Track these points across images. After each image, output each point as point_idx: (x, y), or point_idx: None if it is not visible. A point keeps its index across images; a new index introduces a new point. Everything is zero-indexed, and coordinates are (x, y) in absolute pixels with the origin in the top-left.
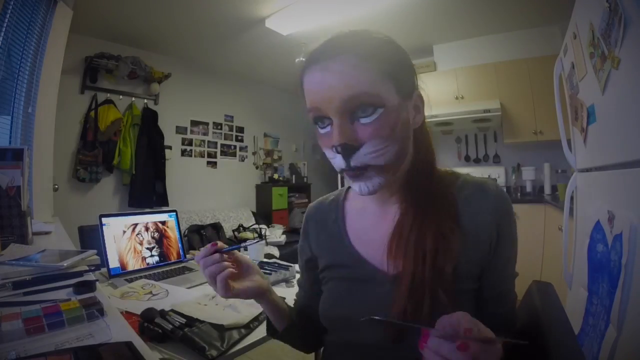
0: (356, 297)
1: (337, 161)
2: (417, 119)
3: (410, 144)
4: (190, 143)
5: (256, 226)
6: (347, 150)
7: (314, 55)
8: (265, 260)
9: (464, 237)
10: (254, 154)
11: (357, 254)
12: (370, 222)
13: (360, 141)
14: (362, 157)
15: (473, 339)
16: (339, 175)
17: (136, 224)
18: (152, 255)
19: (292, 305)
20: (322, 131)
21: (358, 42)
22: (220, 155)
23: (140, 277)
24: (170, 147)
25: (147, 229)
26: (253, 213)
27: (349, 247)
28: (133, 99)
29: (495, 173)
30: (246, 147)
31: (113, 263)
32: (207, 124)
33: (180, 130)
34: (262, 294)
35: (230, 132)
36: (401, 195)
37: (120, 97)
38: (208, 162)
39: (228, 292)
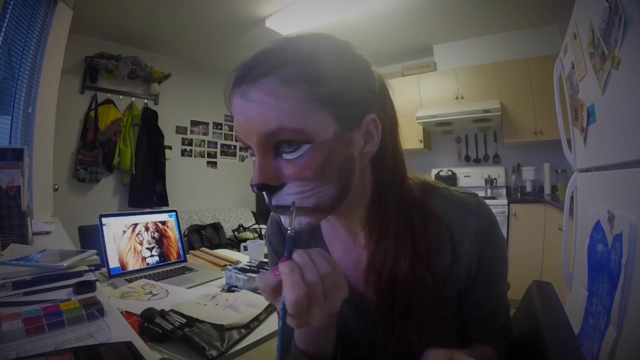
0: (347, 323)
1: (265, 196)
2: (368, 148)
3: (355, 178)
4: (190, 143)
5: (256, 226)
6: (266, 190)
7: (237, 75)
8: (265, 260)
9: (442, 264)
10: None
11: None
12: (344, 245)
13: (281, 180)
14: (284, 197)
15: None
16: None
17: (136, 224)
18: (152, 255)
19: None
20: (253, 158)
21: (287, 59)
22: (220, 155)
23: (140, 277)
24: (170, 147)
25: (147, 229)
26: (253, 213)
27: None
28: (133, 99)
29: (495, 173)
30: None
31: (113, 263)
32: (207, 124)
33: (180, 130)
34: None
35: (231, 132)
36: (369, 224)
37: (120, 97)
38: (208, 162)
39: None
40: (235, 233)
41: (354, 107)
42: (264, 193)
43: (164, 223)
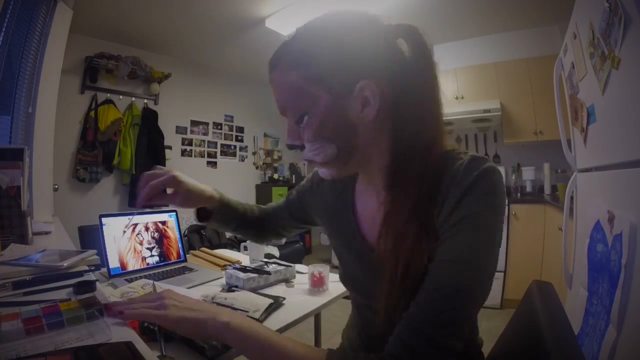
0: (361, 270)
1: None
2: (366, 111)
3: (362, 140)
4: (190, 143)
5: None
6: (294, 148)
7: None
8: (265, 260)
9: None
10: (254, 154)
11: (358, 228)
12: (369, 202)
13: (302, 141)
14: (306, 153)
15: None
16: None
17: (136, 224)
18: (152, 255)
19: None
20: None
21: (289, 50)
22: (220, 155)
23: (140, 277)
24: (170, 147)
25: (147, 229)
26: None
27: (350, 221)
28: (133, 99)
29: None
30: (246, 147)
31: (113, 263)
32: (207, 124)
33: (180, 130)
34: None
35: (230, 132)
36: (387, 186)
37: (120, 97)
38: (208, 162)
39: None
40: None
41: (344, 78)
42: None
43: (164, 223)
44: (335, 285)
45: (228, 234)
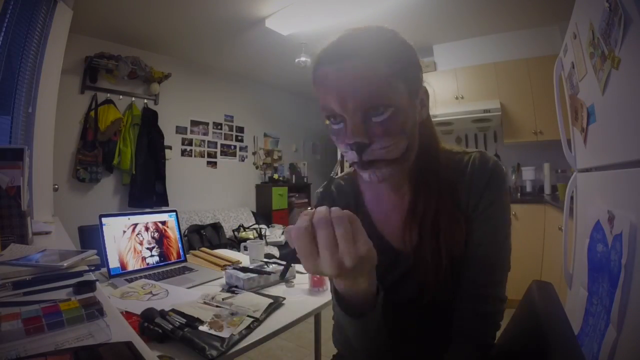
0: (387, 270)
1: (350, 155)
2: (422, 112)
3: (417, 137)
4: (190, 143)
5: (256, 226)
6: (360, 147)
7: (327, 54)
8: (265, 260)
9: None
10: (254, 154)
11: (380, 232)
12: (386, 204)
13: (371, 138)
14: (373, 152)
15: None
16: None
17: (136, 224)
18: (152, 255)
19: None
20: (335, 127)
21: (371, 42)
22: (220, 155)
23: (140, 277)
24: (170, 147)
25: (147, 229)
26: (253, 213)
27: (372, 226)
28: (133, 99)
29: None
30: (246, 147)
31: (113, 263)
32: (207, 124)
33: (180, 130)
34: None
35: (230, 132)
36: (412, 181)
37: (120, 97)
38: (208, 162)
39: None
40: (235, 233)
41: (415, 80)
42: (353, 152)
43: (164, 223)
44: None
45: (228, 234)
